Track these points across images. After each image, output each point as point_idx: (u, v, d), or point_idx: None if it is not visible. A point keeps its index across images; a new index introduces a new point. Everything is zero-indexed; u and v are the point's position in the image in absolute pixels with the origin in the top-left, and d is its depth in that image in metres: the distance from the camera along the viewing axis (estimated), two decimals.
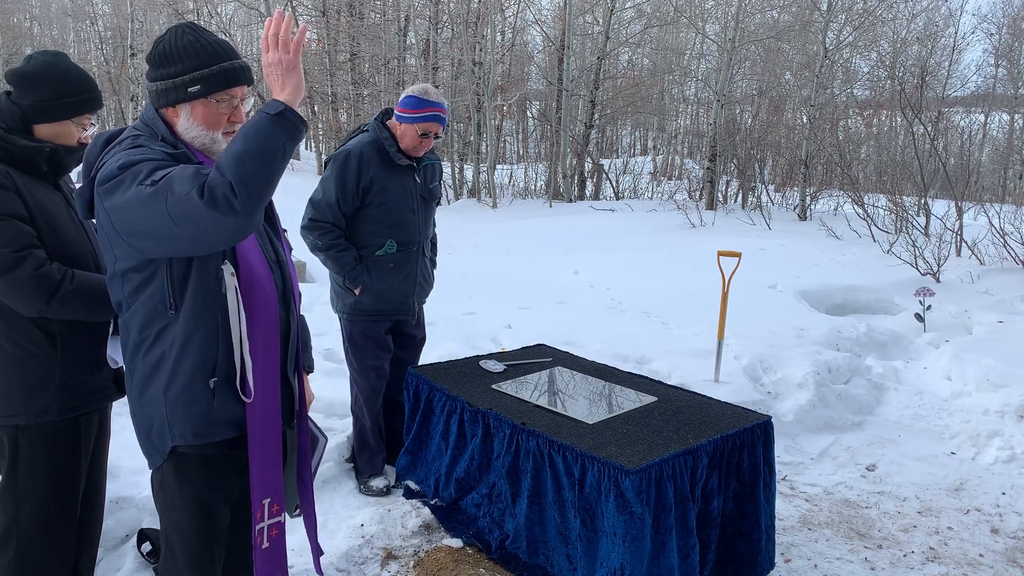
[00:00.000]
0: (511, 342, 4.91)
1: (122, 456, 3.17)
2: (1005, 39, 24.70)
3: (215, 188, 1.62)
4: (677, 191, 16.62)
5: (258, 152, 1.66)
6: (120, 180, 1.72)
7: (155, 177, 1.68)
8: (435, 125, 3.32)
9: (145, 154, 1.76)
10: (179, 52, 1.83)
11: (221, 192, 1.62)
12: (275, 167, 1.70)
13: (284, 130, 1.70)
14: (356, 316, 3.47)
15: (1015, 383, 4.66)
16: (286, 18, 1.77)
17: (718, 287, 4.96)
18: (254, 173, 1.66)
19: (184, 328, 1.85)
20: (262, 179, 1.67)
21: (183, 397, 1.88)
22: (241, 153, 1.65)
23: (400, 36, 20.28)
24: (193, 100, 1.85)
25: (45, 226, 2.14)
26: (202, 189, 1.62)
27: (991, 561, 3.19)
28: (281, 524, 2.05)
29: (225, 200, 1.62)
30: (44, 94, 2.16)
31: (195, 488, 1.95)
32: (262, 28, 20.92)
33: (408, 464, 3.44)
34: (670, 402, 3.09)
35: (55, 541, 2.29)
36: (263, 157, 1.67)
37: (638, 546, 2.43)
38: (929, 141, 11.28)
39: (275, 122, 1.69)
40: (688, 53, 24.74)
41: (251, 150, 1.66)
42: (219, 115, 1.88)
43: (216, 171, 1.66)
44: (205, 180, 1.64)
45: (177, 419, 1.89)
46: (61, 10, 31.28)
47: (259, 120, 1.70)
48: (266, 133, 1.68)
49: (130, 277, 1.86)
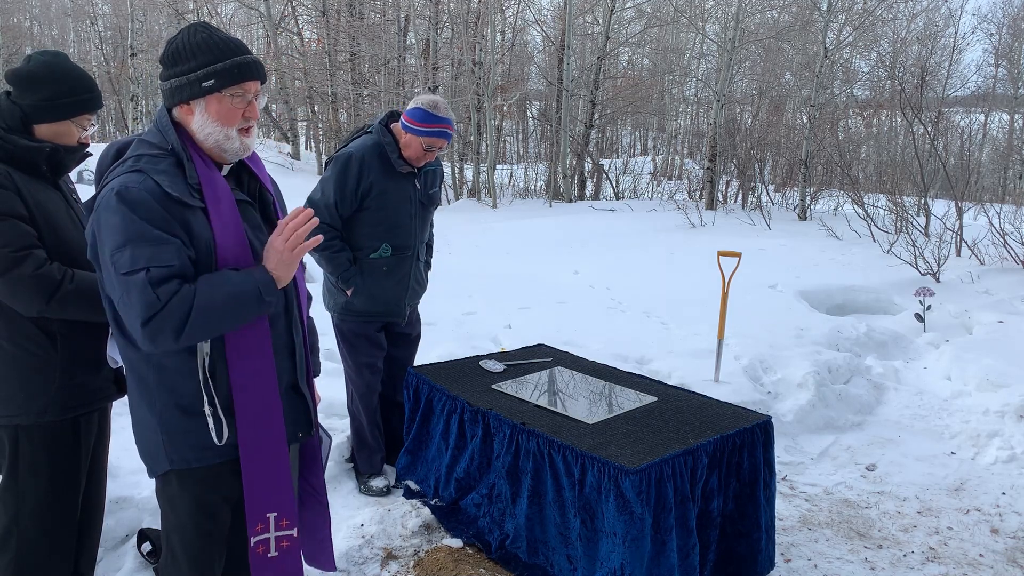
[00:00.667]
0: (511, 342, 4.91)
1: (122, 456, 3.17)
2: (1005, 39, 24.70)
3: (164, 324, 1.71)
4: (677, 191, 16.61)
5: (229, 316, 1.78)
6: (106, 221, 1.75)
7: (122, 266, 1.72)
8: (441, 140, 3.32)
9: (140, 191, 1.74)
10: (192, 49, 1.83)
11: (167, 330, 1.71)
12: (233, 328, 1.82)
13: (261, 308, 1.83)
14: (347, 316, 3.48)
15: (1015, 383, 4.66)
16: (311, 222, 1.89)
17: (718, 287, 4.96)
18: (212, 329, 1.78)
19: (174, 360, 1.85)
20: (214, 332, 1.79)
21: (180, 427, 1.88)
22: (214, 310, 1.75)
23: (400, 36, 20.28)
24: (207, 95, 1.84)
25: (45, 226, 2.14)
26: (150, 319, 1.70)
27: (991, 561, 3.19)
28: (293, 537, 2.03)
29: (165, 338, 1.72)
30: (44, 94, 2.16)
31: (195, 489, 1.95)
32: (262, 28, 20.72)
33: (408, 464, 3.44)
34: (670, 402, 3.09)
35: (55, 541, 2.29)
36: (229, 321, 1.79)
37: (638, 546, 2.43)
38: (929, 141, 11.28)
39: (261, 303, 1.82)
40: (688, 53, 24.74)
41: (226, 312, 1.77)
42: (234, 111, 1.87)
43: (179, 302, 1.71)
44: (159, 311, 1.70)
45: (173, 445, 1.90)
46: (61, 10, 31.28)
47: (248, 291, 1.80)
48: (246, 305, 1.80)
49: (109, 299, 1.86)
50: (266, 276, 1.83)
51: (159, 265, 1.71)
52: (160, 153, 1.83)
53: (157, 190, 1.76)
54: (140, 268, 1.70)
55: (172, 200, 1.77)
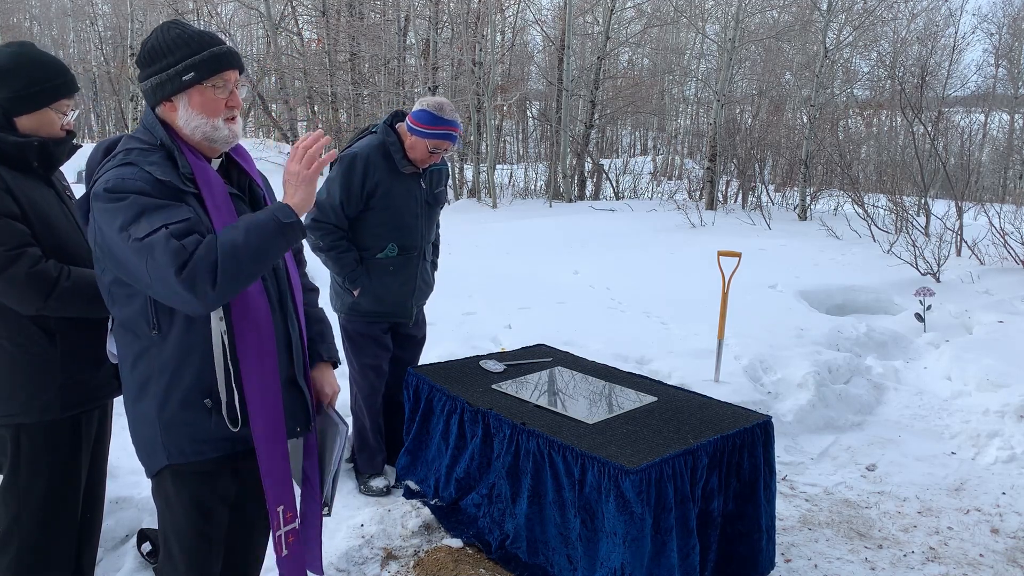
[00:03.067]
0: (511, 342, 4.91)
1: (122, 456, 3.17)
2: (1005, 39, 24.69)
3: (197, 271, 1.67)
4: (677, 191, 16.61)
5: (255, 251, 1.74)
6: (106, 210, 1.74)
7: (138, 233, 1.70)
8: (447, 143, 3.32)
9: (134, 180, 1.75)
10: (168, 45, 1.84)
11: (202, 276, 1.67)
12: (264, 267, 1.80)
13: (287, 239, 1.80)
14: (354, 316, 3.48)
15: (1015, 383, 4.66)
16: (321, 140, 1.86)
17: (718, 287, 4.95)
18: (244, 270, 1.73)
19: (174, 353, 1.85)
20: (247, 276, 1.76)
21: (177, 419, 1.88)
22: (239, 247, 1.71)
23: (400, 36, 20.27)
24: (189, 89, 1.85)
25: (39, 223, 2.12)
26: (183, 266, 1.67)
27: (991, 561, 3.19)
28: (297, 531, 2.04)
29: (203, 285, 1.68)
30: (18, 85, 2.13)
31: (191, 490, 1.95)
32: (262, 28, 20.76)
33: (408, 464, 3.44)
34: (670, 402, 3.09)
35: (56, 540, 2.29)
36: (258, 257, 1.75)
37: (638, 546, 2.43)
38: (929, 141, 11.28)
39: (282, 229, 1.78)
40: (688, 53, 24.73)
41: (250, 247, 1.73)
42: (216, 101, 1.87)
43: (206, 250, 1.69)
44: (188, 258, 1.67)
45: (171, 440, 1.89)
46: (61, 10, 31.28)
47: (265, 221, 1.77)
48: (269, 236, 1.76)
49: (113, 292, 1.87)
50: (279, 204, 1.82)
51: (175, 221, 1.72)
52: (149, 147, 1.84)
53: (150, 178, 1.77)
54: (157, 227, 1.70)
55: (167, 185, 1.79)
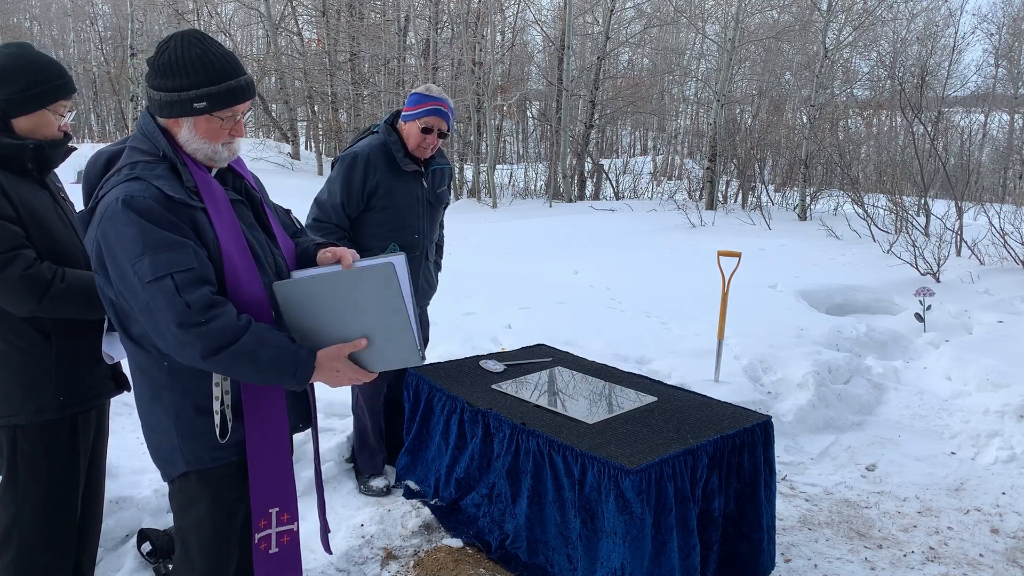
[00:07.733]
0: (511, 342, 4.91)
1: (122, 456, 3.17)
2: (1005, 39, 24.69)
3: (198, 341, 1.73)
4: (677, 191, 16.62)
5: (259, 372, 1.80)
6: (113, 233, 1.74)
7: (143, 273, 1.72)
8: (436, 119, 3.30)
9: (143, 198, 1.74)
10: (186, 65, 1.80)
11: (199, 347, 1.73)
12: (249, 380, 1.84)
13: (285, 383, 1.86)
14: None
15: (1015, 383, 4.66)
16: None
17: (718, 287, 4.95)
18: (234, 370, 1.80)
19: (183, 366, 1.84)
20: (231, 373, 1.82)
21: (193, 426, 1.89)
22: (250, 359, 1.77)
23: (400, 36, 20.29)
24: (197, 116, 1.83)
25: (33, 225, 2.12)
26: (182, 324, 1.72)
27: (991, 561, 3.19)
28: (293, 532, 2.04)
29: (192, 352, 1.74)
30: (16, 86, 2.12)
31: (215, 488, 1.96)
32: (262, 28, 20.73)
33: (408, 464, 3.44)
34: (670, 402, 3.09)
35: (56, 540, 2.29)
36: (253, 374, 1.81)
37: (638, 546, 2.43)
38: (929, 141, 11.29)
39: (297, 378, 1.84)
40: (688, 53, 24.74)
41: (258, 365, 1.79)
42: (221, 130, 1.87)
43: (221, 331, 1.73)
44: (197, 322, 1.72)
45: (190, 448, 1.91)
46: (61, 10, 31.29)
47: (289, 359, 1.82)
48: (281, 371, 1.82)
49: (119, 307, 1.86)
50: (309, 363, 1.85)
51: (180, 270, 1.73)
52: (153, 160, 1.83)
53: (160, 195, 1.76)
54: (163, 275, 1.71)
55: (176, 203, 1.78)
